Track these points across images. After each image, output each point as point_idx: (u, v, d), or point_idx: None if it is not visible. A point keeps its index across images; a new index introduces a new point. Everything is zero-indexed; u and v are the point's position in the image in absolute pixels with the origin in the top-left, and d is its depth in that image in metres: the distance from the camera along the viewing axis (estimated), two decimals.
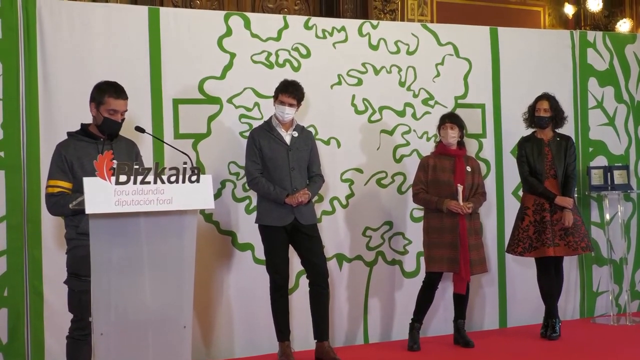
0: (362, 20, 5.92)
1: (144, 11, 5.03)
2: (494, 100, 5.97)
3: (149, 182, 3.15)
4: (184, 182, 3.22)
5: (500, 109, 5.97)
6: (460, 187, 5.11)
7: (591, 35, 6.38)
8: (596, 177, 6.00)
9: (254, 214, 4.99)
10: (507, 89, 5.99)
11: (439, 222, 5.14)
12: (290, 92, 4.80)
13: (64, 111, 4.68)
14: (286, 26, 5.37)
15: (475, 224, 5.24)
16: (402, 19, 8.66)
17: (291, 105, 4.81)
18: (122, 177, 3.09)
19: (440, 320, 5.66)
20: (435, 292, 5.25)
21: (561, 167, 5.45)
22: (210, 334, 5.10)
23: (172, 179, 3.21)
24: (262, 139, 4.84)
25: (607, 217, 6.12)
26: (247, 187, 4.97)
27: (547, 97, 5.51)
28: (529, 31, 6.76)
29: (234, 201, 5.18)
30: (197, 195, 3.25)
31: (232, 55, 5.20)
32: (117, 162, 3.13)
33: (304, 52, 5.41)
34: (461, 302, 5.29)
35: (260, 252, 5.04)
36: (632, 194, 6.33)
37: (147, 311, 3.24)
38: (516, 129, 5.74)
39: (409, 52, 5.72)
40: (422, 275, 5.36)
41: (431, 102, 5.76)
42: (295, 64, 5.37)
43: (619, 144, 6.37)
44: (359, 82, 5.55)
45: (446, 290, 5.53)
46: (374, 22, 5.75)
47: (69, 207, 3.55)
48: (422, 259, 5.42)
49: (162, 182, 3.18)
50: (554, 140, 5.52)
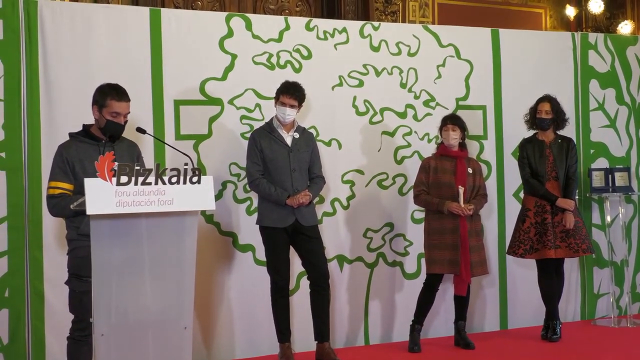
0: (364, 21, 5.91)
1: (146, 12, 5.04)
2: (495, 101, 5.96)
3: (150, 183, 3.15)
4: (185, 183, 3.23)
5: (501, 110, 5.97)
6: (461, 189, 5.10)
7: (592, 37, 6.37)
8: (597, 179, 6.00)
9: (255, 215, 4.99)
10: (508, 90, 5.98)
11: (439, 224, 5.14)
12: (291, 93, 4.79)
13: (65, 112, 4.68)
14: (287, 27, 5.37)
15: (476, 225, 5.23)
16: (403, 21, 8.67)
17: (292, 106, 4.81)
18: (123, 178, 3.10)
19: (441, 321, 5.66)
20: (435, 294, 5.25)
21: (562, 169, 5.45)
22: (210, 335, 5.09)
23: (173, 180, 3.21)
24: (263, 140, 4.83)
25: (608, 219, 6.12)
26: (248, 189, 4.97)
27: (548, 98, 5.50)
28: (530, 33, 6.76)
29: (235, 202, 5.18)
30: (198, 196, 3.26)
31: (234, 56, 5.20)
32: (118, 163, 3.13)
33: (305, 53, 5.41)
34: (462, 303, 5.29)
35: (261, 253, 5.04)
36: (633, 196, 6.32)
37: (147, 312, 3.24)
38: (517, 130, 5.73)
39: (410, 54, 5.72)
40: (422, 276, 5.36)
41: (432, 104, 5.76)
42: (296, 65, 5.37)
43: (620, 146, 6.36)
44: (360, 84, 5.55)
45: (447, 291, 5.53)
46: (375, 23, 5.75)
47: (70, 208, 3.54)
48: (422, 261, 5.41)
49: (163, 183, 3.19)
50: (555, 142, 5.51)
